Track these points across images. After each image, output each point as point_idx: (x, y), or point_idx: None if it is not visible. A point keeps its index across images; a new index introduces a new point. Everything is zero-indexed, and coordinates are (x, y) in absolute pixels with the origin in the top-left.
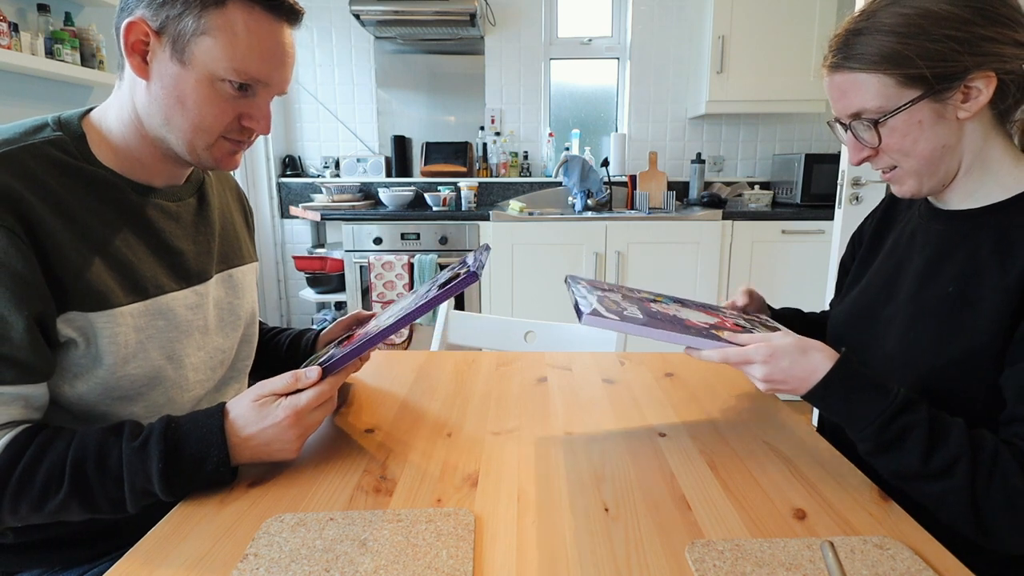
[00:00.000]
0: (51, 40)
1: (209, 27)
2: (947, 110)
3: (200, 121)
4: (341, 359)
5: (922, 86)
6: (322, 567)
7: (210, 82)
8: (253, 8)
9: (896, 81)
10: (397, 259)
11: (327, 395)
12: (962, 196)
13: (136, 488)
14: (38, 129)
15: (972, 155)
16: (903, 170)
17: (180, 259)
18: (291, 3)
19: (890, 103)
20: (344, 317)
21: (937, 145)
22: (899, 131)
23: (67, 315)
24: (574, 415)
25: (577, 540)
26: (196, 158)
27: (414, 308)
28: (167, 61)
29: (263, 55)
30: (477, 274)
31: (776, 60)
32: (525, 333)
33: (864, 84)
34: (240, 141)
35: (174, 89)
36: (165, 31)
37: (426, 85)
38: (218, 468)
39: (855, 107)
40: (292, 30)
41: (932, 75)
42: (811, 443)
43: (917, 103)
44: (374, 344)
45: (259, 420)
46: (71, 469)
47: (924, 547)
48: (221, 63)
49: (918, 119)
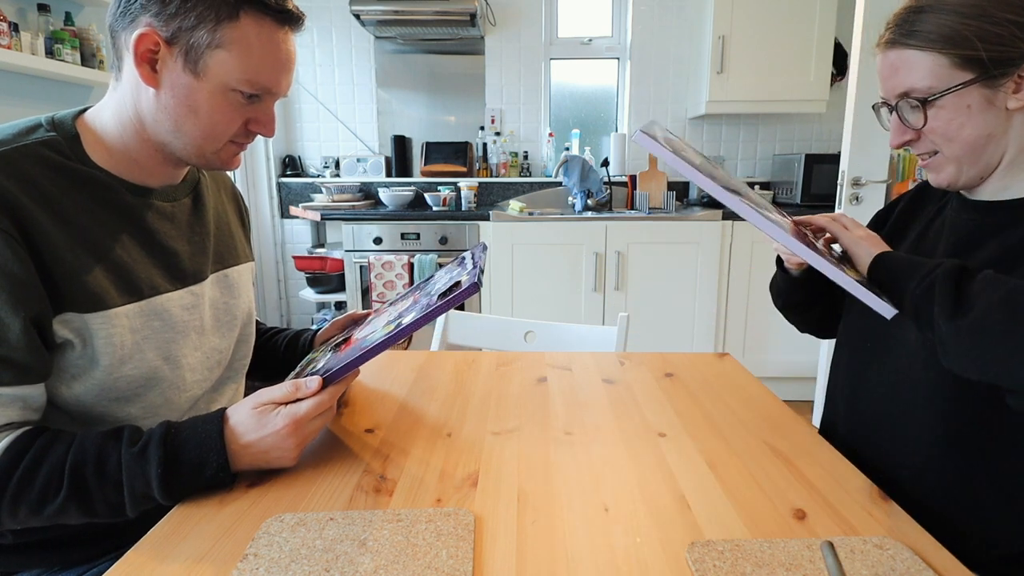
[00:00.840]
0: (51, 40)
1: (224, 40)
2: (997, 97)
3: (212, 129)
4: (341, 369)
5: (976, 69)
6: (322, 567)
7: (223, 93)
8: (263, 20)
9: (951, 62)
10: (397, 259)
11: (326, 405)
12: (996, 189)
13: (136, 493)
14: (31, 130)
15: (1016, 149)
16: (944, 156)
17: (175, 259)
18: (296, 11)
19: (941, 83)
20: (339, 317)
21: (982, 133)
22: (946, 114)
23: (63, 316)
24: (574, 415)
25: (577, 540)
26: (204, 162)
27: (414, 320)
28: (179, 72)
29: (273, 65)
30: (478, 284)
31: (776, 60)
32: (525, 333)
33: (918, 62)
34: (245, 143)
35: (186, 99)
36: (176, 42)
37: (426, 85)
38: (217, 474)
39: (905, 86)
40: (295, 35)
41: (988, 58)
42: (811, 443)
43: (969, 86)
44: (375, 355)
45: (258, 428)
46: (70, 473)
47: (924, 547)
48: (235, 75)
49: (967, 103)
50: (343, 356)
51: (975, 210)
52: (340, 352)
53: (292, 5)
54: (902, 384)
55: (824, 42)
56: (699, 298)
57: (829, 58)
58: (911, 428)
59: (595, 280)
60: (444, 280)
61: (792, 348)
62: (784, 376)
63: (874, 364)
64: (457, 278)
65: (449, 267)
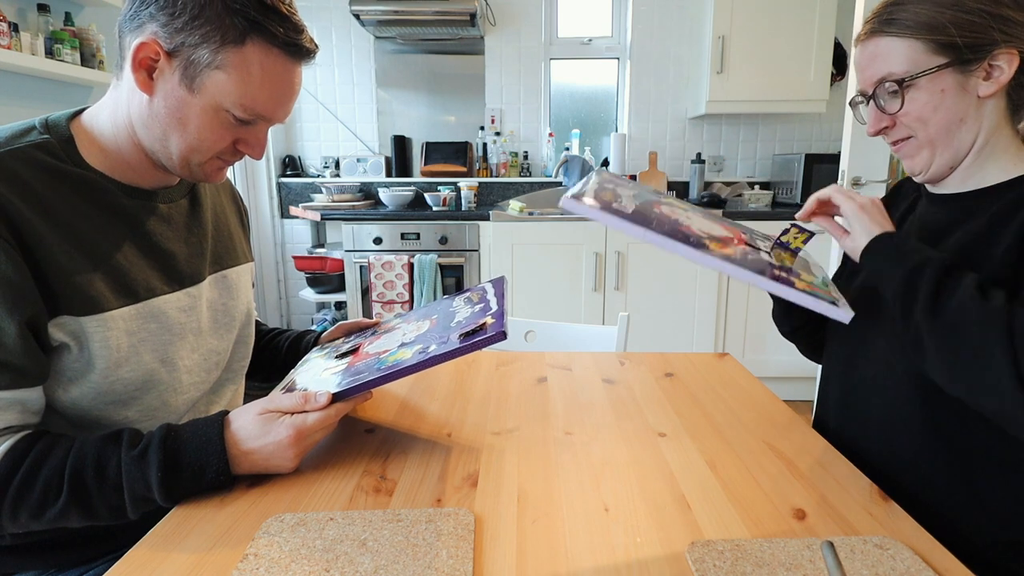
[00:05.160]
0: (51, 40)
1: (225, 63)
2: (969, 83)
3: (199, 144)
4: (355, 388)
5: (951, 54)
6: (322, 567)
7: (215, 111)
8: (271, 50)
9: (927, 47)
10: (397, 259)
11: (331, 420)
12: (960, 180)
13: (136, 496)
14: (24, 132)
15: (984, 138)
16: (918, 141)
17: (172, 261)
18: (308, 46)
19: (917, 67)
20: (345, 322)
21: (955, 117)
22: (922, 96)
23: (58, 319)
24: (574, 415)
25: (577, 540)
26: (187, 172)
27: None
28: (175, 84)
29: (272, 94)
30: (505, 333)
31: (776, 60)
32: (525, 333)
33: (896, 49)
34: (232, 160)
35: (177, 111)
36: (178, 55)
37: (426, 85)
38: (217, 477)
39: (883, 72)
40: (302, 67)
41: (963, 43)
42: (811, 443)
43: (943, 69)
44: (390, 380)
45: (262, 435)
46: (70, 477)
47: (924, 547)
48: (230, 98)
49: (941, 87)
50: (356, 371)
51: (942, 203)
52: (351, 365)
53: (307, 39)
54: (888, 374)
55: (824, 42)
56: (699, 298)
57: (829, 58)
58: (899, 418)
59: (595, 280)
60: (465, 314)
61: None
62: (784, 376)
63: (860, 355)
64: (480, 317)
65: (467, 296)
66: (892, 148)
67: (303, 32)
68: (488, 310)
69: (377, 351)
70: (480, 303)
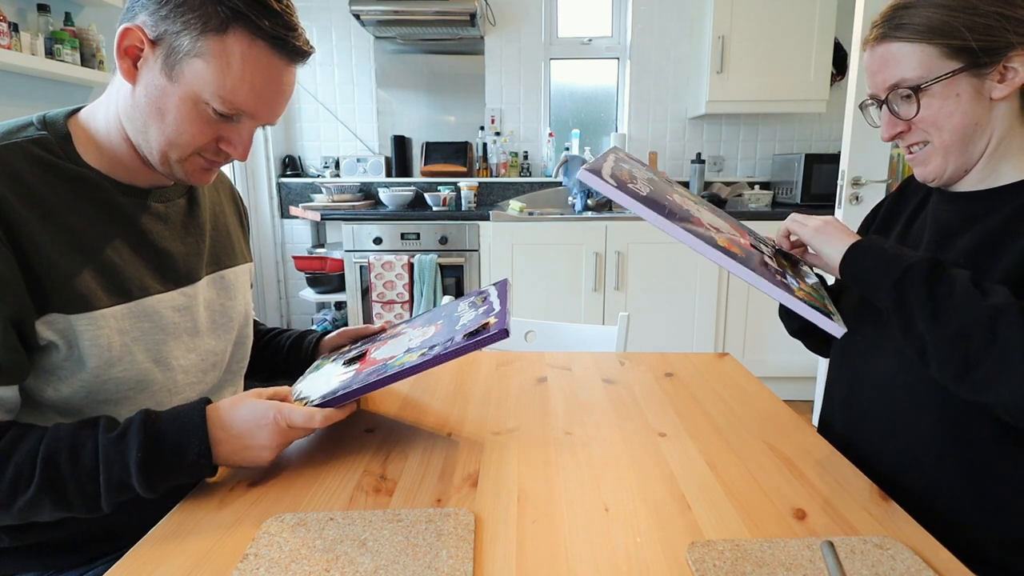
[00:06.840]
0: (51, 40)
1: (204, 51)
2: (984, 87)
3: (176, 137)
4: (349, 393)
5: (965, 58)
6: (322, 567)
7: (193, 102)
8: (255, 41)
9: (940, 52)
10: (397, 259)
11: (314, 425)
12: (975, 181)
13: (112, 481)
14: (21, 128)
15: (997, 140)
16: (933, 147)
17: (168, 260)
18: (298, 44)
19: (931, 73)
20: (349, 328)
21: (970, 122)
22: (937, 102)
23: (47, 317)
24: (574, 415)
25: (577, 540)
26: (168, 169)
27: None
28: (156, 72)
29: (254, 89)
30: (507, 331)
31: (776, 60)
32: (525, 333)
33: (908, 54)
34: (215, 160)
35: (156, 100)
36: (161, 43)
37: (426, 85)
38: (199, 459)
39: (895, 77)
40: (295, 68)
41: (978, 47)
42: (811, 443)
43: (958, 74)
44: (391, 382)
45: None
46: (42, 463)
47: (924, 547)
48: (208, 88)
49: (956, 91)
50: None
51: (955, 201)
52: (359, 372)
53: (298, 38)
54: (895, 377)
55: (824, 42)
56: (699, 298)
57: (829, 58)
58: (906, 421)
59: (595, 280)
60: (470, 316)
61: (792, 348)
62: (784, 376)
63: (867, 358)
64: (484, 318)
65: (472, 300)
66: (906, 154)
67: (295, 30)
68: (491, 311)
69: (384, 357)
70: (484, 306)
